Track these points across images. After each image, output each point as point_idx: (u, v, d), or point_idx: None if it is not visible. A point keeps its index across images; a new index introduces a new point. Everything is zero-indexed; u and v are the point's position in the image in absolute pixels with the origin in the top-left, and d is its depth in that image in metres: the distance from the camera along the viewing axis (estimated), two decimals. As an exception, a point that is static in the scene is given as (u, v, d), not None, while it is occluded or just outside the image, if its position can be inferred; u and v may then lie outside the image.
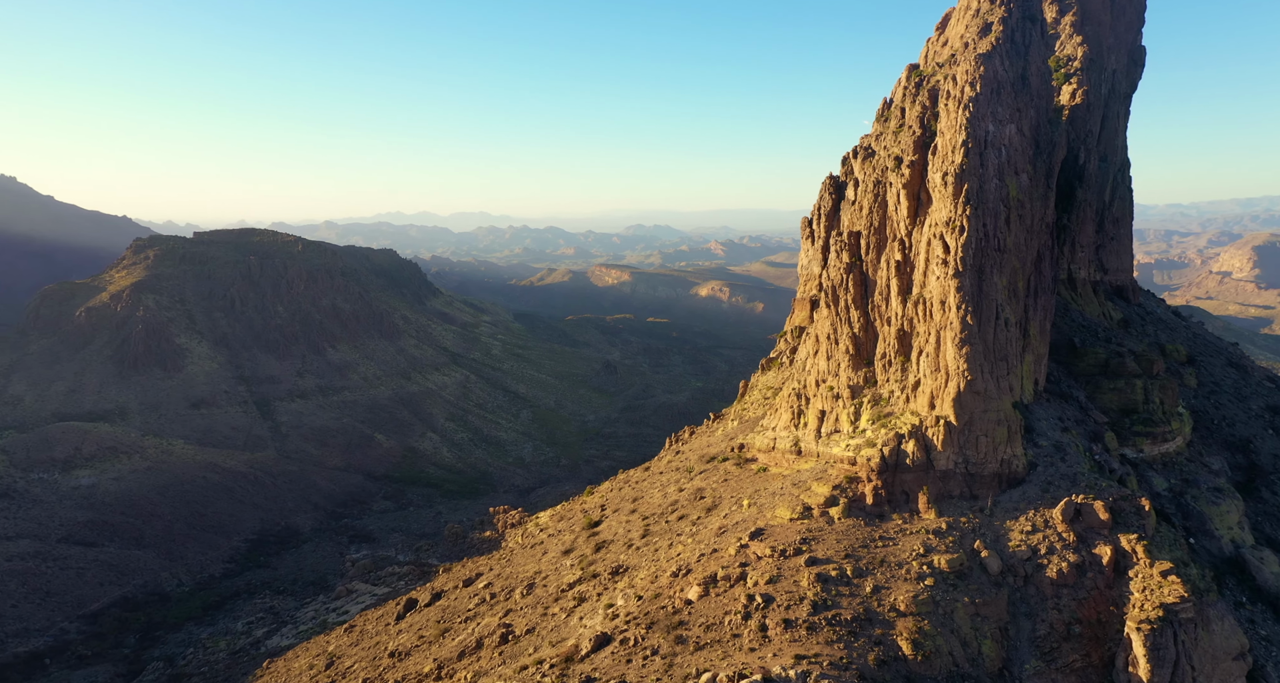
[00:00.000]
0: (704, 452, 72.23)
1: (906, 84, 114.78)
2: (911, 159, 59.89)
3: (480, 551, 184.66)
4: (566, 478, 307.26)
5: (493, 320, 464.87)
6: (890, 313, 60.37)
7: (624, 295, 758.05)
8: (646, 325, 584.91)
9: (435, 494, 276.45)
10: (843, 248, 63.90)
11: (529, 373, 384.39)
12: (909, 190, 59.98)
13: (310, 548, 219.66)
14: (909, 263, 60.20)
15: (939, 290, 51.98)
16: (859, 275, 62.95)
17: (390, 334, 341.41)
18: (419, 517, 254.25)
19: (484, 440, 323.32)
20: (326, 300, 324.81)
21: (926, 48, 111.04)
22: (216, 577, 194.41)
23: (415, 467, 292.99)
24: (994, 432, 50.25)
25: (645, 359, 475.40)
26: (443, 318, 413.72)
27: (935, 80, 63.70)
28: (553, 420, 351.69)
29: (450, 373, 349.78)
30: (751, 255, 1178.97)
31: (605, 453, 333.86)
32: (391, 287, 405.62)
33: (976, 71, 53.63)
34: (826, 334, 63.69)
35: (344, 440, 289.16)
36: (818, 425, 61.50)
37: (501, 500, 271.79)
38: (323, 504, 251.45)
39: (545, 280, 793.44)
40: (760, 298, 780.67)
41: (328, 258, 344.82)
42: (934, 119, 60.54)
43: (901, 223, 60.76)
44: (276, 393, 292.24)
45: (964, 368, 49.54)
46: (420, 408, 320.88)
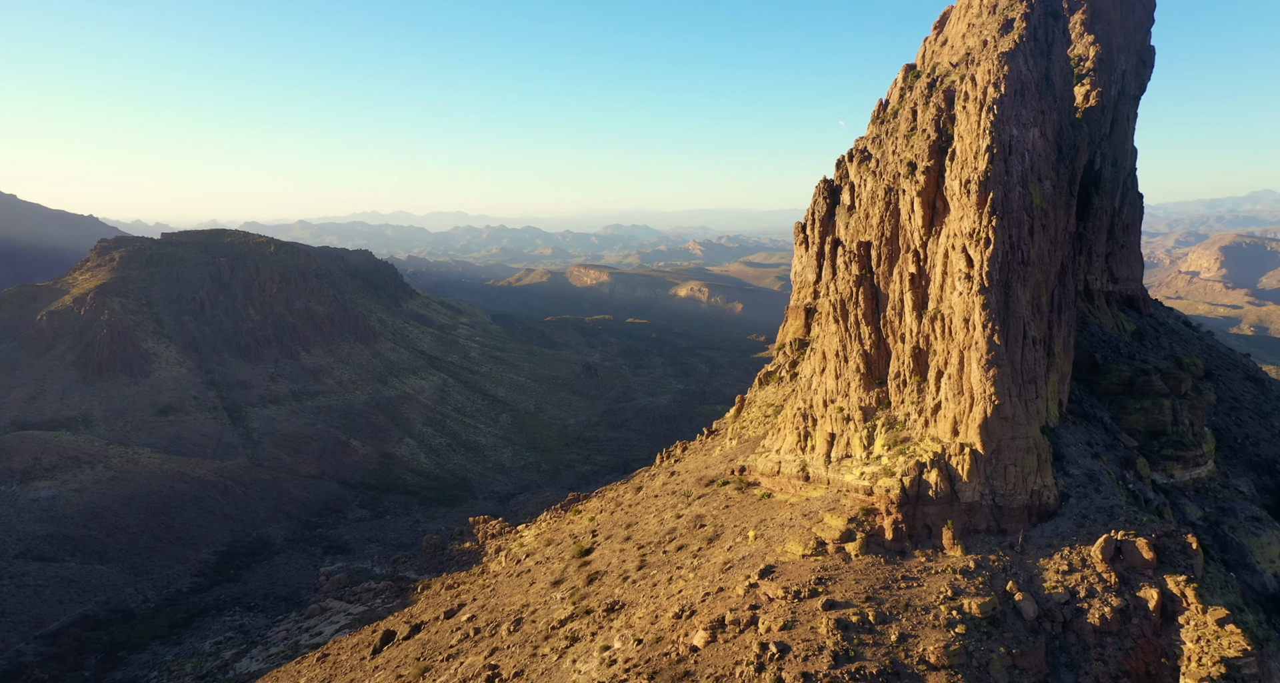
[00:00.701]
0: (702, 473, 67.96)
1: (904, 84, 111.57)
2: (927, 165, 55.96)
3: (460, 564, 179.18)
4: (547, 484, 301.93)
5: (470, 322, 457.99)
6: (904, 329, 56.42)
7: (603, 296, 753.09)
8: (626, 326, 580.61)
9: (412, 502, 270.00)
10: (852, 259, 59.83)
11: (508, 376, 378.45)
12: (924, 198, 56.04)
13: (283, 560, 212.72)
14: (924, 276, 56.27)
15: (962, 307, 48.13)
16: (869, 289, 58.92)
17: (366, 337, 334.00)
18: (396, 526, 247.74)
19: (462, 446, 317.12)
20: (300, 303, 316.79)
21: (924, 47, 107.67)
22: (184, 592, 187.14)
23: (392, 474, 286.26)
24: (1023, 460, 46.51)
25: (625, 361, 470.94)
26: (420, 320, 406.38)
27: (949, 81, 59.89)
28: (532, 425, 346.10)
29: (428, 376, 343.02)
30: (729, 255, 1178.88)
31: (586, 458, 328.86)
32: (367, 288, 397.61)
33: (1000, 71, 49.87)
34: (835, 351, 59.60)
35: (318, 447, 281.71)
36: (827, 450, 57.49)
37: (481, 508, 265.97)
38: (296, 514, 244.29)
39: (523, 281, 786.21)
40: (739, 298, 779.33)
41: (301, 259, 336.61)
42: (950, 122, 56.66)
43: (915, 233, 56.80)
44: (248, 399, 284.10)
45: (991, 392, 45.75)
46: (397, 413, 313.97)
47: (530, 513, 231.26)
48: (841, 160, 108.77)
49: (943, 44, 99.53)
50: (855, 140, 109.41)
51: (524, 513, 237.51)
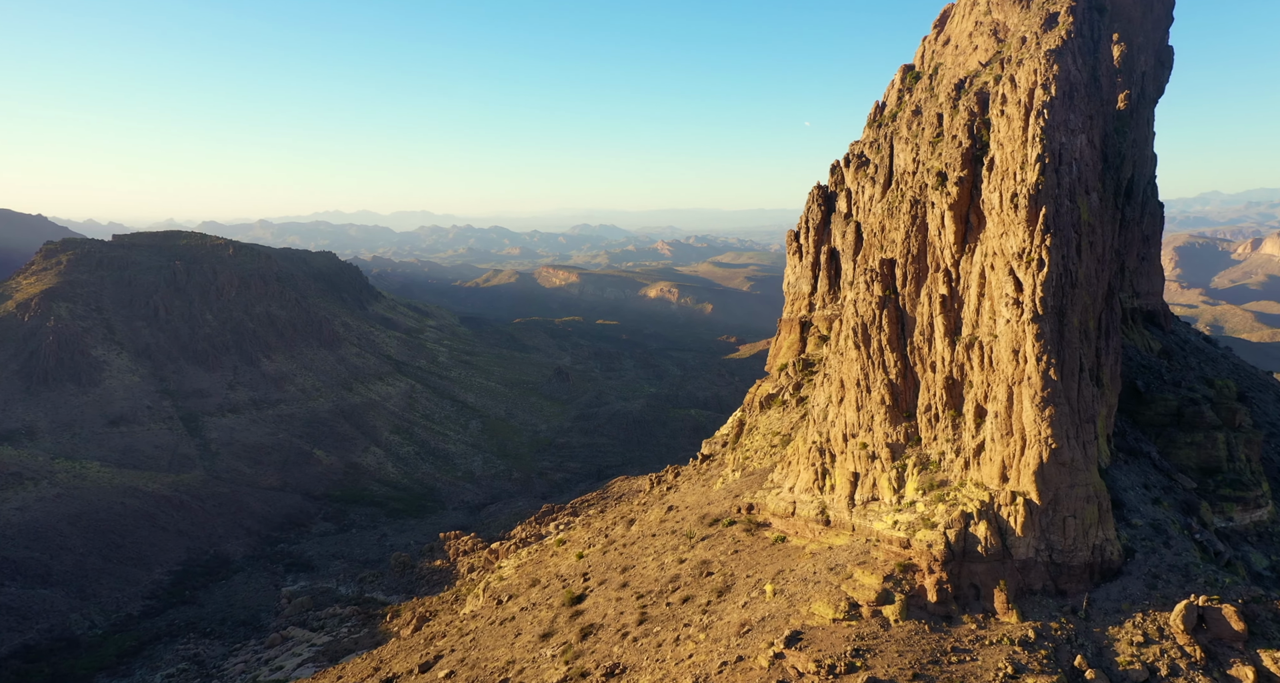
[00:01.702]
0: (704, 510, 61.98)
1: (902, 86, 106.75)
2: (959, 175, 50.38)
3: (431, 583, 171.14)
4: (519, 493, 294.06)
5: (438, 325, 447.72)
6: (935, 357, 50.83)
7: (572, 297, 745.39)
8: (596, 328, 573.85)
9: (379, 514, 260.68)
10: (874, 279, 54.09)
11: (477, 381, 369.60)
12: (956, 212, 50.48)
13: (242, 579, 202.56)
14: (956, 298, 50.72)
15: (1010, 337, 42.66)
16: (894, 312, 53.24)
17: (330, 342, 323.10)
18: (362, 540, 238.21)
19: (431, 454, 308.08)
20: (260, 307, 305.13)
21: (922, 47, 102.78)
22: (135, 616, 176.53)
23: (358, 484, 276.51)
24: (1083, 511, 41.21)
25: (596, 364, 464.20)
26: (385, 323, 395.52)
27: (981, 82, 54.43)
28: (503, 431, 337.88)
29: (394, 382, 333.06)
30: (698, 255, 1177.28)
31: (559, 465, 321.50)
32: (331, 291, 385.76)
33: (1049, 71, 44.51)
34: (855, 380, 53.82)
35: (280, 458, 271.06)
36: (850, 491, 51.75)
37: (450, 519, 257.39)
38: (256, 529, 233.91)
39: (491, 282, 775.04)
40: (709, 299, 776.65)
41: (261, 262, 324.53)
42: (984, 128, 51.17)
43: (946, 251, 51.21)
44: (205, 408, 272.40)
45: (1047, 434, 40.38)
46: (363, 421, 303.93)
47: (503, 525, 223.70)
48: (836, 166, 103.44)
49: (945, 43, 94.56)
50: (850, 144, 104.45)
51: (496, 525, 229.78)
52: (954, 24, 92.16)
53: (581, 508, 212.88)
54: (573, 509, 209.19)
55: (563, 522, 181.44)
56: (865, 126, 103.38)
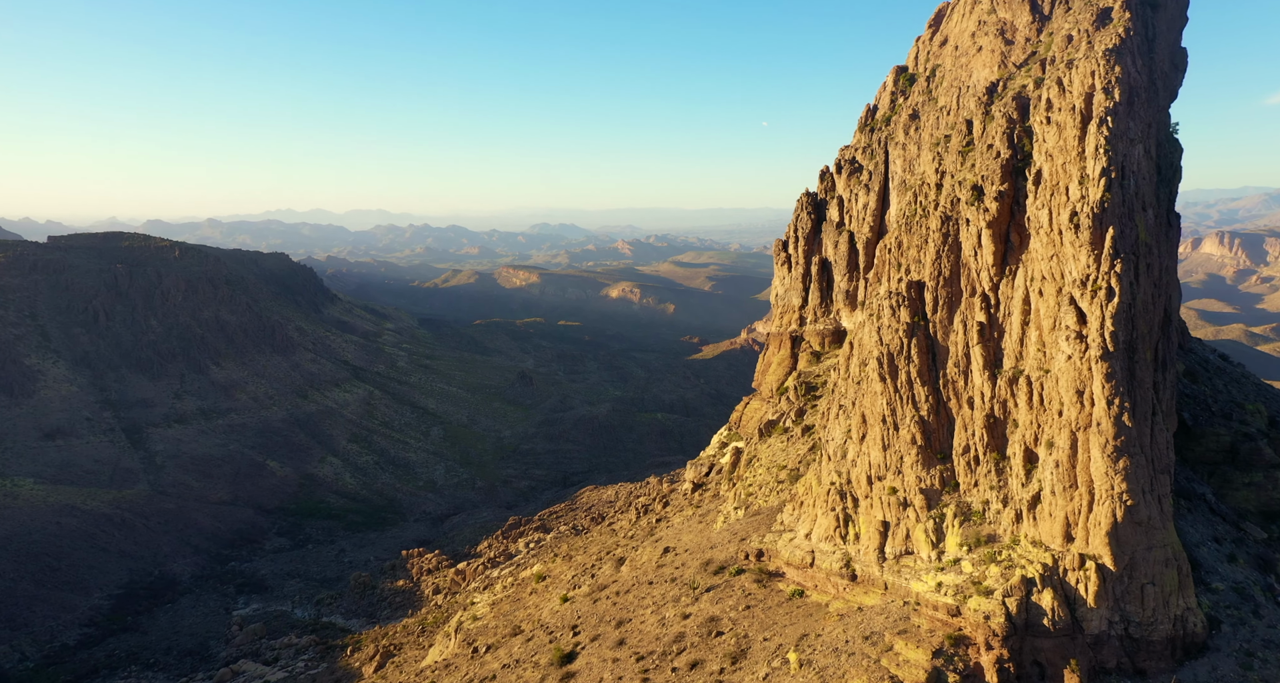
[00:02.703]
0: (706, 555, 56.04)
1: (895, 88, 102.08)
2: (999, 189, 45.11)
3: (394, 606, 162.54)
4: (483, 502, 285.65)
5: (396, 328, 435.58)
6: (972, 392, 45.52)
7: (533, 297, 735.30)
8: (558, 329, 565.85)
9: (337, 527, 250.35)
10: (900, 303, 48.61)
11: (438, 386, 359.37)
12: (995, 231, 45.22)
13: (189, 602, 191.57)
14: (996, 326, 45.48)
15: (1072, 375, 37.51)
16: (924, 340, 47.83)
17: (283, 348, 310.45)
18: (319, 557, 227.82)
19: (391, 463, 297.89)
20: (209, 312, 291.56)
21: (916, 48, 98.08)
22: (70, 647, 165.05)
23: (314, 496, 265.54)
24: (1162, 577, 36.25)
25: (560, 366, 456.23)
26: (342, 327, 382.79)
27: (1018, 85, 49.29)
28: (466, 438, 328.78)
29: (352, 389, 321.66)
30: (659, 255, 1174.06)
31: (524, 472, 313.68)
32: (284, 294, 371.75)
33: (1110, 73, 39.49)
34: (880, 416, 48.31)
35: (231, 470, 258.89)
36: (879, 542, 46.25)
37: (412, 532, 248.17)
38: (205, 547, 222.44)
39: (450, 282, 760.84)
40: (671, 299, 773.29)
41: (210, 265, 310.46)
42: (1025, 137, 46.00)
43: (984, 273, 45.92)
44: (150, 418, 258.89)
45: (1121, 489, 35.28)
46: (319, 429, 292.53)
47: (468, 539, 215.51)
48: (826, 172, 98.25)
49: (942, 44, 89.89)
50: (840, 149, 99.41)
51: (460, 539, 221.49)
52: (952, 24, 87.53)
53: (550, 521, 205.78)
54: (541, 523, 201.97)
55: (533, 539, 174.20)
56: (856, 131, 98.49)
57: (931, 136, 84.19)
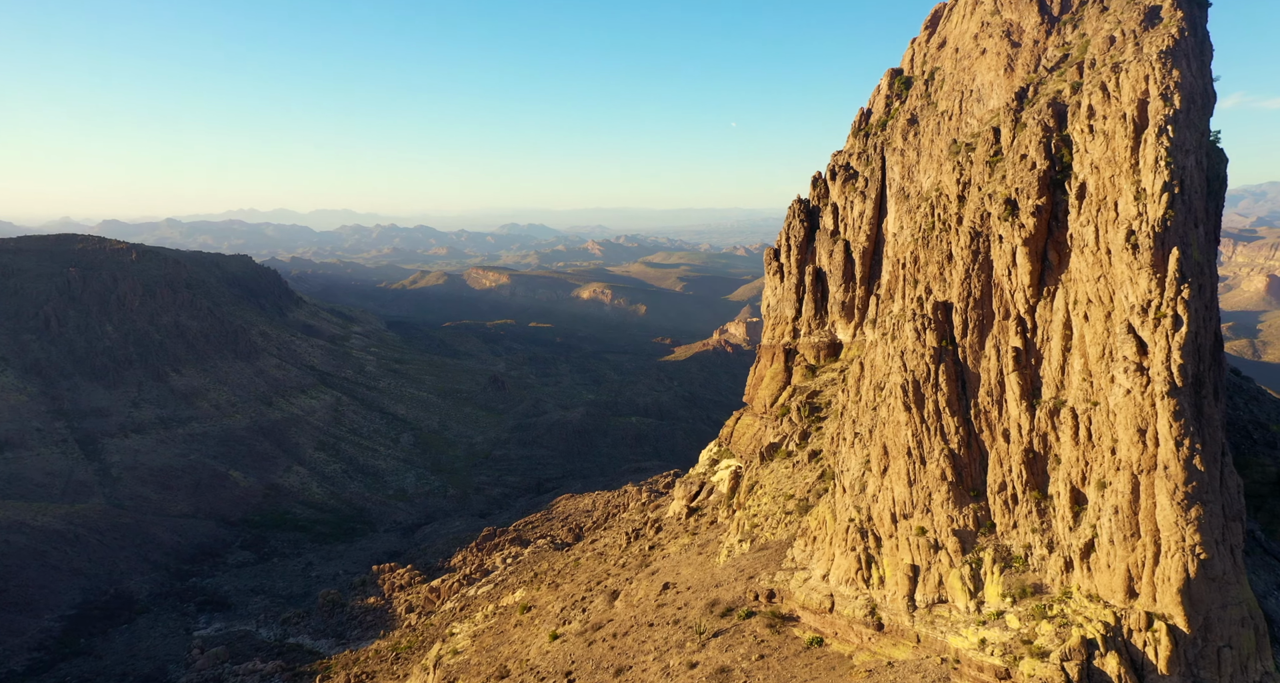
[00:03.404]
0: (711, 593, 51.82)
1: (890, 92, 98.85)
2: (1036, 204, 41.48)
3: (364, 626, 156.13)
4: (456, 511, 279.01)
5: (364, 331, 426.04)
6: (1008, 424, 41.86)
7: (503, 299, 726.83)
8: (530, 331, 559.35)
9: (304, 540, 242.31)
10: (926, 326, 44.81)
11: (408, 391, 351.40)
12: (1031, 249, 41.60)
13: (147, 622, 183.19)
14: (1033, 352, 41.85)
15: (1133, 412, 33.95)
16: (952, 367, 44.08)
17: (247, 354, 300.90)
18: (285, 571, 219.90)
19: (360, 471, 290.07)
20: (168, 317, 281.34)
21: (912, 51, 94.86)
22: (19, 673, 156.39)
23: (279, 507, 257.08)
24: (1239, 638, 32.86)
25: (532, 369, 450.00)
26: (308, 331, 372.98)
27: (1052, 91, 45.71)
28: (437, 444, 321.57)
29: (319, 395, 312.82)
30: (629, 255, 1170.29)
31: (497, 479, 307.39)
32: (247, 297, 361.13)
33: (1168, 77, 36.01)
34: (905, 448, 44.48)
35: (191, 481, 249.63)
36: (908, 589, 42.43)
37: (382, 543, 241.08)
38: (164, 562, 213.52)
39: (419, 284, 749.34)
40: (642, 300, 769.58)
41: (169, 268, 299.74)
42: (1064, 147, 42.43)
43: (1019, 294, 42.28)
44: (105, 428, 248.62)
45: (1194, 541, 31.74)
46: (284, 438, 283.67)
47: (441, 551, 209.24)
48: (819, 179, 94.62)
49: (940, 47, 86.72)
50: (833, 155, 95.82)
51: (433, 551, 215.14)
52: (951, 25, 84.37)
53: (527, 532, 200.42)
54: (517, 534, 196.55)
55: (510, 553, 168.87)
56: (849, 135, 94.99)
57: (933, 142, 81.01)
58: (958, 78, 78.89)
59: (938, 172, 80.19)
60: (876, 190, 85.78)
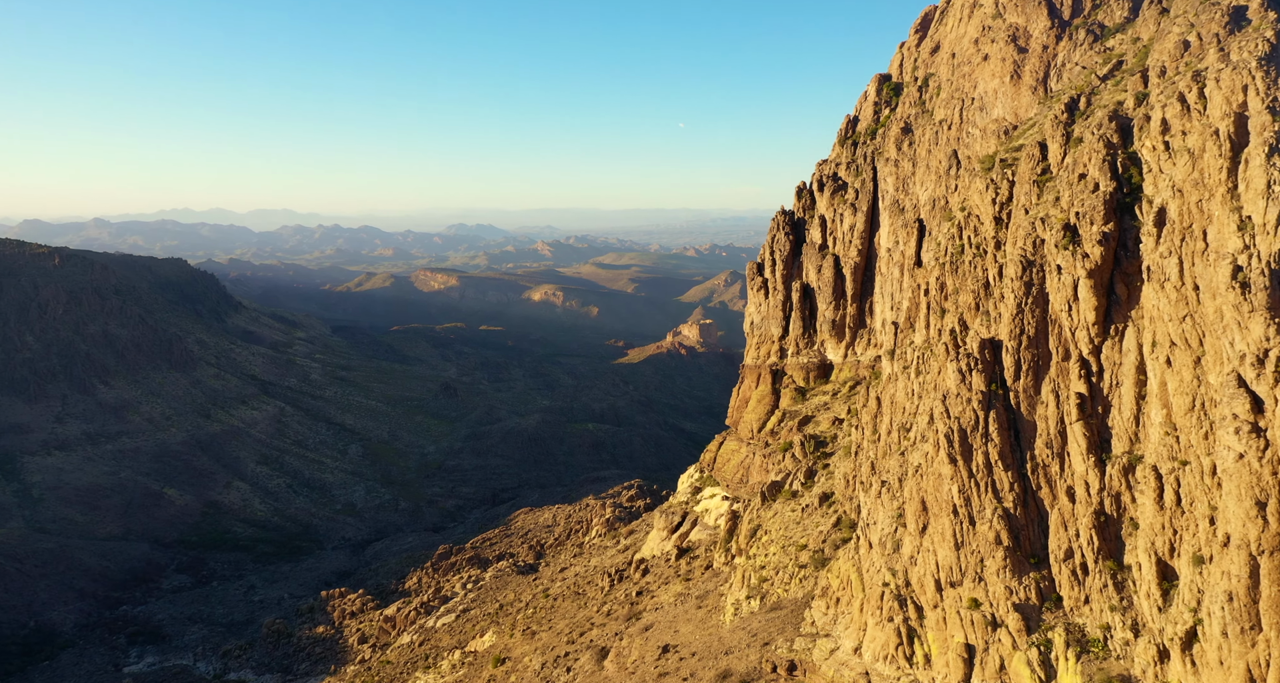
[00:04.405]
0: (720, 663, 45.71)
1: (878, 98, 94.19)
2: (1103, 230, 36.47)
3: (314, 659, 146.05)
4: (407, 525, 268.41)
5: (308, 337, 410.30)
6: (1072, 480, 36.80)
7: (452, 301, 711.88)
8: (480, 335, 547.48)
9: (246, 560, 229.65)
10: (973, 366, 39.50)
11: (356, 399, 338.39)
12: (1096, 281, 36.59)
13: (71, 658, 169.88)
14: (1099, 399, 36.83)
15: (1247, 480, 29.06)
16: (1004, 414, 38.89)
17: (182, 363, 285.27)
18: (225, 595, 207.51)
19: (306, 485, 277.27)
20: (95, 326, 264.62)
21: (900, 55, 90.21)
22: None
23: (219, 526, 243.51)
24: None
25: (484, 374, 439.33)
26: (248, 338, 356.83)
27: (1115, 102, 40.82)
28: (387, 455, 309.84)
29: (261, 406, 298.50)
30: (580, 256, 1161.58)
31: (450, 490, 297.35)
32: (182, 303, 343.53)
33: (1273, 88, 31.28)
34: (950, 504, 39.14)
35: (122, 501, 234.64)
36: (964, 672, 37.06)
37: (330, 563, 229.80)
38: (92, 590, 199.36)
39: (364, 286, 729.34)
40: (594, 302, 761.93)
41: (96, 273, 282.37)
42: (1132, 165, 37.54)
43: (1082, 332, 37.23)
44: (25, 445, 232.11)
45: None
46: (224, 452, 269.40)
47: (394, 571, 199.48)
48: (804, 189, 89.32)
49: (934, 51, 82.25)
50: (817, 164, 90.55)
51: (385, 570, 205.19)
52: (945, 29, 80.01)
53: (485, 550, 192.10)
54: (475, 553, 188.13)
55: (469, 576, 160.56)
56: (836, 143, 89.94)
57: (930, 153, 76.47)
58: (957, 85, 74.42)
59: (936, 184, 75.60)
60: (868, 203, 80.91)
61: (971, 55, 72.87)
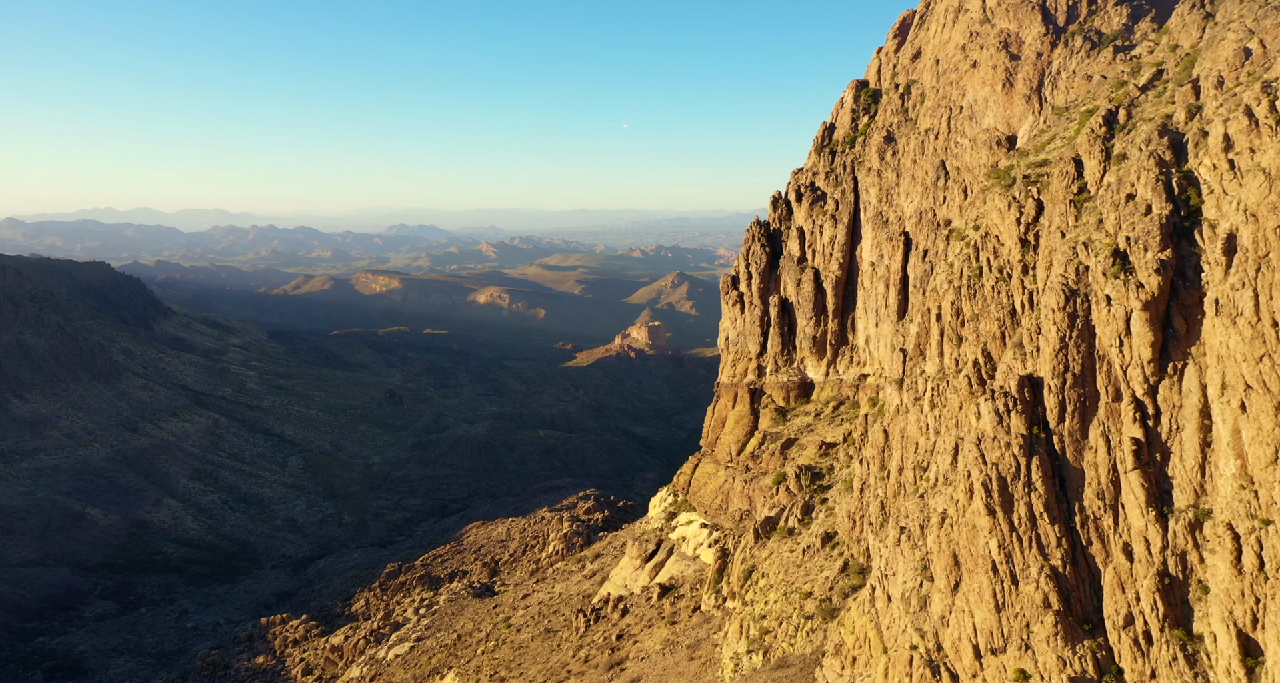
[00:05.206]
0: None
1: (856, 105, 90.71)
2: (1160, 257, 32.90)
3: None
4: (352, 540, 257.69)
5: (243, 343, 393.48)
6: (1129, 536, 33.16)
7: (394, 304, 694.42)
8: (425, 339, 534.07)
9: (177, 583, 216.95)
10: (1011, 406, 35.62)
11: (296, 409, 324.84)
12: (1153, 313, 33.01)
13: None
14: (1156, 445, 33.25)
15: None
16: (1048, 461, 35.10)
17: (106, 374, 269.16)
18: (155, 623, 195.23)
19: (242, 501, 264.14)
20: (8, 336, 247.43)
21: (879, 61, 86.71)
22: None
23: (148, 547, 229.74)
24: None
25: (430, 380, 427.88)
26: (178, 345, 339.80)
27: (1163, 115, 37.34)
28: (329, 466, 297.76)
29: (193, 417, 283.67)
30: (525, 257, 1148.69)
31: (397, 502, 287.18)
32: (106, 309, 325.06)
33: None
34: (988, 560, 35.22)
35: (39, 523, 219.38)
36: (1013, 752, 33.23)
37: (270, 583, 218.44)
38: (4, 621, 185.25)
39: (302, 289, 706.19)
40: (541, 304, 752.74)
41: (9, 279, 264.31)
42: (1189, 185, 34.11)
43: (1135, 371, 33.62)
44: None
45: None
46: (152, 467, 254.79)
47: (339, 592, 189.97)
48: (779, 199, 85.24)
49: (915, 57, 79.00)
50: (792, 173, 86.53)
51: (330, 591, 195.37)
52: (928, 34, 76.78)
53: (436, 568, 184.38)
54: (426, 571, 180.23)
55: (421, 598, 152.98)
56: (812, 151, 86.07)
57: (915, 163, 73.19)
58: (943, 93, 71.17)
59: (923, 196, 72.25)
60: (849, 214, 77.23)
61: (959, 62, 69.71)
